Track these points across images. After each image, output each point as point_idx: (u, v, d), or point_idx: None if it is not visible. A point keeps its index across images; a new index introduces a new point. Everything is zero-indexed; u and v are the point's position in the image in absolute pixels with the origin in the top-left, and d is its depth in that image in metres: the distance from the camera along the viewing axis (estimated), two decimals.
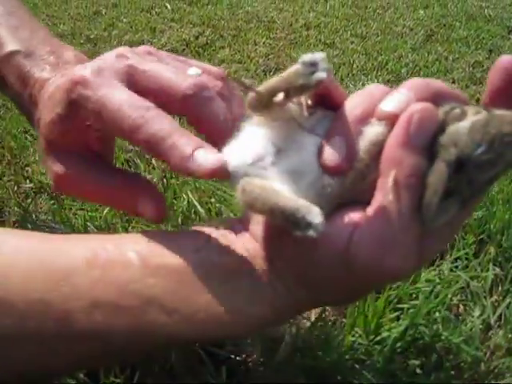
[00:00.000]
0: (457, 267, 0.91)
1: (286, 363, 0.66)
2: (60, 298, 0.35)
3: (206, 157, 0.35)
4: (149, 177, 1.11)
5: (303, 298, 0.37)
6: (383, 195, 0.33)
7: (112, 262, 0.36)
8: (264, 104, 0.36)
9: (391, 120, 0.34)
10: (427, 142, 0.32)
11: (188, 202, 1.00)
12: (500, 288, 0.88)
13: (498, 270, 0.92)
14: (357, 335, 0.72)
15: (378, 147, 0.34)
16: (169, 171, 1.14)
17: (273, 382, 0.65)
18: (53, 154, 0.43)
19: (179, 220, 0.97)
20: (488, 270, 0.89)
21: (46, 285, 0.35)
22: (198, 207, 0.96)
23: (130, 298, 0.35)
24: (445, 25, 2.37)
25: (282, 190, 0.34)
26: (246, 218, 0.40)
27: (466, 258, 0.92)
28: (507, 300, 0.84)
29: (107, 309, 0.35)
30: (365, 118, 0.35)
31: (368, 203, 0.34)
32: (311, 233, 0.30)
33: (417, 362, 0.72)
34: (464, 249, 0.94)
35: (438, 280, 0.84)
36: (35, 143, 1.35)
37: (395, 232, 0.32)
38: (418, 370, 0.71)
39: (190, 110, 0.40)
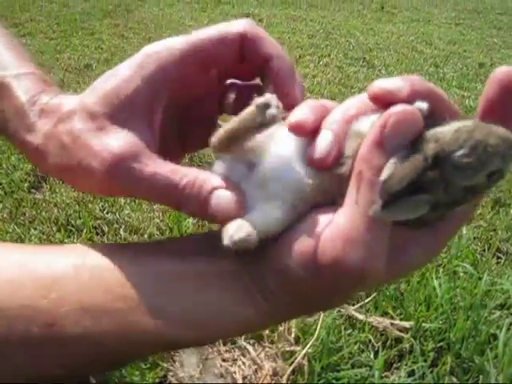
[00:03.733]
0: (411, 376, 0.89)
1: None
2: (48, 304, 0.35)
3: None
4: None
5: (287, 303, 0.36)
6: (351, 194, 0.33)
7: (100, 267, 0.37)
8: (225, 146, 0.37)
9: (379, 101, 0.33)
10: (401, 144, 0.32)
11: None
12: None
13: (454, 379, 0.91)
14: None
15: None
16: None
17: None
18: (111, 125, 0.36)
19: None
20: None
21: (35, 291, 0.35)
22: None
23: (117, 300, 0.35)
24: None
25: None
26: None
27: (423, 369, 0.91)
28: None
29: (95, 313, 0.35)
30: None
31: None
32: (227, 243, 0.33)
33: None
34: (423, 355, 0.93)
35: None
36: None
37: (360, 230, 0.32)
38: None
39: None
